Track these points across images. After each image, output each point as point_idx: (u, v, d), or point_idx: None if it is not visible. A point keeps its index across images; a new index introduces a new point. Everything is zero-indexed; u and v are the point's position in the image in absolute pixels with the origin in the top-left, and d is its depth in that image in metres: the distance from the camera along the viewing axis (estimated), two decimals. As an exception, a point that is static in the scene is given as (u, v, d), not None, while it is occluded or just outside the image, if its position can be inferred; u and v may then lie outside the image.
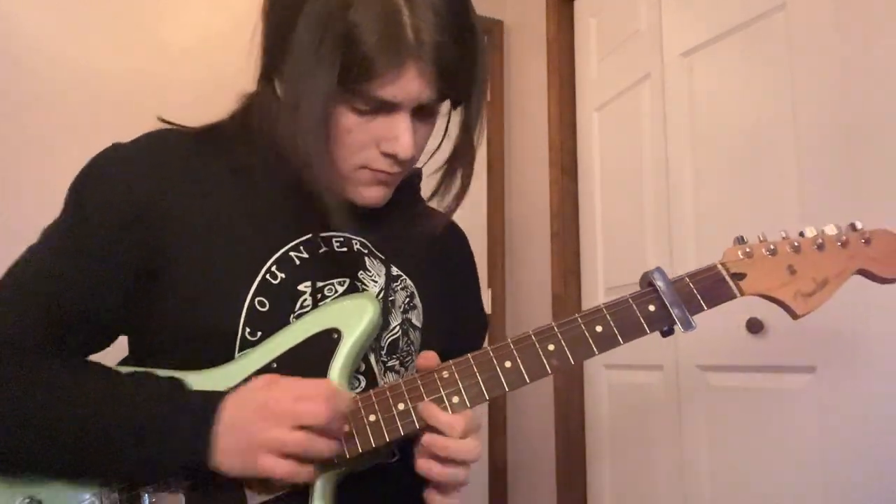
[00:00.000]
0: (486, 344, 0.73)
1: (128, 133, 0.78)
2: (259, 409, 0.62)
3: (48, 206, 0.75)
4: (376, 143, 0.71)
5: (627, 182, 1.97)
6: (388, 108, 0.69)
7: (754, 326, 1.45)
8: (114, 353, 0.76)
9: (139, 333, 0.74)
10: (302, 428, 0.61)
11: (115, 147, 0.74)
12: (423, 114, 0.72)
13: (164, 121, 0.78)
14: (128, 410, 0.63)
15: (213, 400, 0.63)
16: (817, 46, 1.37)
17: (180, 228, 0.70)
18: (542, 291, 2.25)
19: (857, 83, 1.29)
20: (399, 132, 0.70)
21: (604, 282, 2.08)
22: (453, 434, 0.67)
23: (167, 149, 0.74)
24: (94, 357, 0.74)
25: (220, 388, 0.66)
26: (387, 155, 0.71)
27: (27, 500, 0.65)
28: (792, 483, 1.37)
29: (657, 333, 0.74)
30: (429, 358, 0.71)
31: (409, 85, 0.68)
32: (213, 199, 0.73)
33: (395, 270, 0.79)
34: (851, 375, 1.27)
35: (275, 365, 0.68)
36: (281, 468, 0.61)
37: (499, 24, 2.59)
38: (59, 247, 0.71)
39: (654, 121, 1.84)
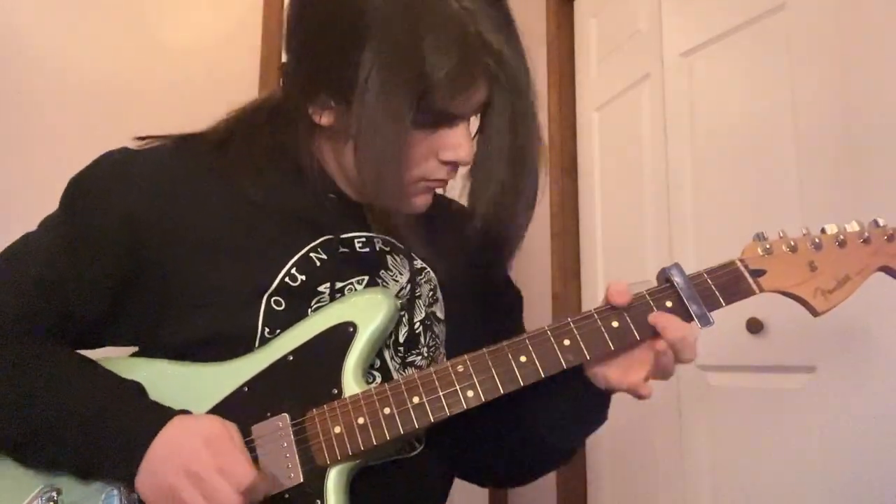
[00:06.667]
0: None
1: (127, 133, 0.77)
2: (186, 459, 0.61)
3: (48, 205, 0.75)
4: (435, 154, 0.71)
5: (627, 182, 1.97)
6: (451, 119, 0.70)
7: (754, 326, 1.45)
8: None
9: (150, 342, 0.74)
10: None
11: (114, 159, 0.74)
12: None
13: (141, 138, 0.78)
14: (85, 400, 0.65)
15: (153, 423, 0.63)
16: (817, 46, 1.37)
17: (181, 242, 0.71)
18: (542, 291, 2.24)
19: (857, 83, 1.29)
20: (462, 140, 0.71)
21: (604, 282, 2.08)
22: (688, 334, 0.69)
23: (168, 166, 0.75)
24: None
25: (232, 380, 0.68)
26: (446, 163, 0.72)
27: (47, 488, 0.65)
28: (792, 483, 1.37)
29: None
30: (622, 293, 0.71)
31: (477, 96, 0.69)
32: (216, 211, 0.73)
33: (418, 263, 0.79)
34: (851, 375, 1.27)
35: (291, 357, 0.69)
36: None
37: (499, 25, 2.59)
38: (53, 243, 0.72)
39: (654, 121, 1.84)
